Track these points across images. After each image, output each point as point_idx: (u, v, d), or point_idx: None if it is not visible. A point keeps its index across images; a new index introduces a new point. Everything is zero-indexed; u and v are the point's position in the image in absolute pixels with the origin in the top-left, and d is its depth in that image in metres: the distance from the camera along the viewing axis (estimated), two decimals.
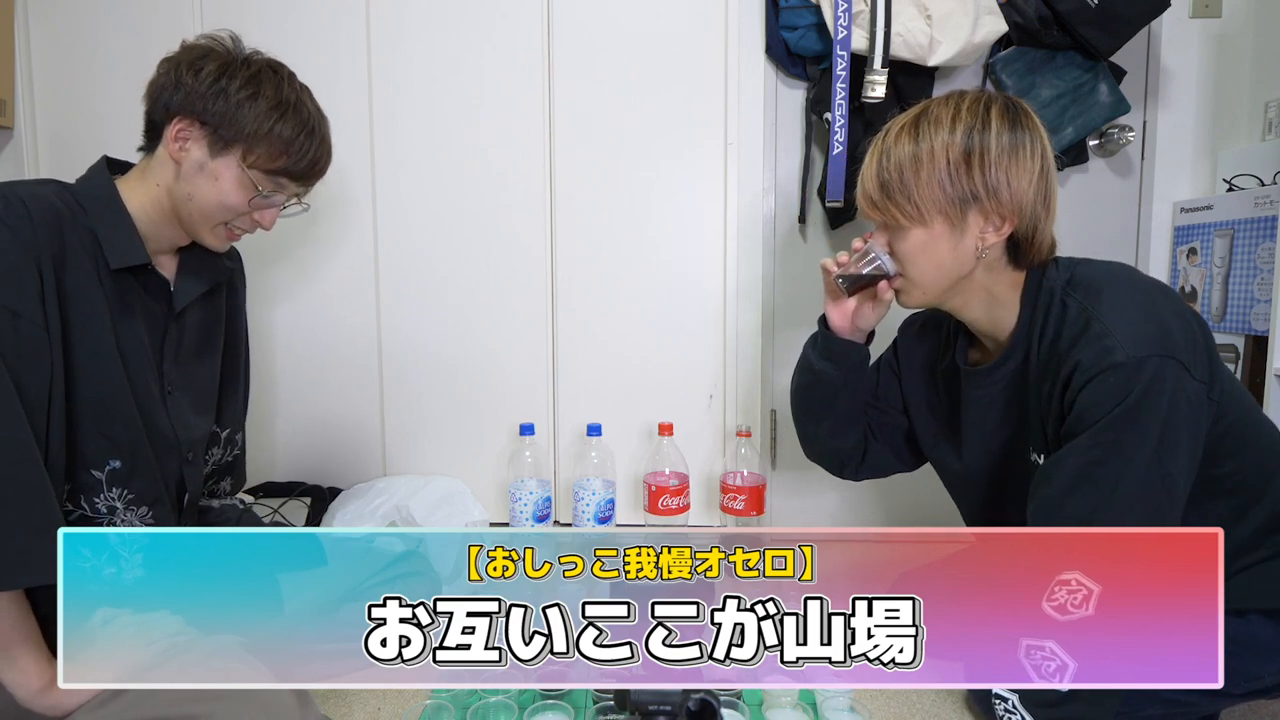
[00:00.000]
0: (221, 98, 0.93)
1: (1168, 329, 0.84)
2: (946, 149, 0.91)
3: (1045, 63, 1.60)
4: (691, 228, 1.68)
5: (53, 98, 1.68)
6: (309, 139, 0.99)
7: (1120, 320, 0.85)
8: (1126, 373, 0.82)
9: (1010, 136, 0.91)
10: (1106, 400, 0.83)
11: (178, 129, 0.93)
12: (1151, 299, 0.88)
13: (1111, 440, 0.84)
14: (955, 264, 0.95)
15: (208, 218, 0.96)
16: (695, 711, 0.73)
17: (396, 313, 1.71)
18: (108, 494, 0.90)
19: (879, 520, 1.76)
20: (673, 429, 1.58)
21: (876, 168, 0.96)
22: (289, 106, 0.96)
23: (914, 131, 0.94)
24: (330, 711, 1.06)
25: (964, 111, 0.92)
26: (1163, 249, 1.70)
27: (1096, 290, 0.90)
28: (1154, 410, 0.82)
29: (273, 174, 0.97)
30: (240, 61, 0.96)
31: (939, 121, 0.92)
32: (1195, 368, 0.84)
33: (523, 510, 1.54)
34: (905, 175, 0.93)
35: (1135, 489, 0.83)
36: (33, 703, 0.79)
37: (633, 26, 1.64)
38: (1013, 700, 0.92)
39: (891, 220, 0.96)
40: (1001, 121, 0.91)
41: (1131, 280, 0.92)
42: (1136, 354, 0.82)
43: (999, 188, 0.91)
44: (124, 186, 0.96)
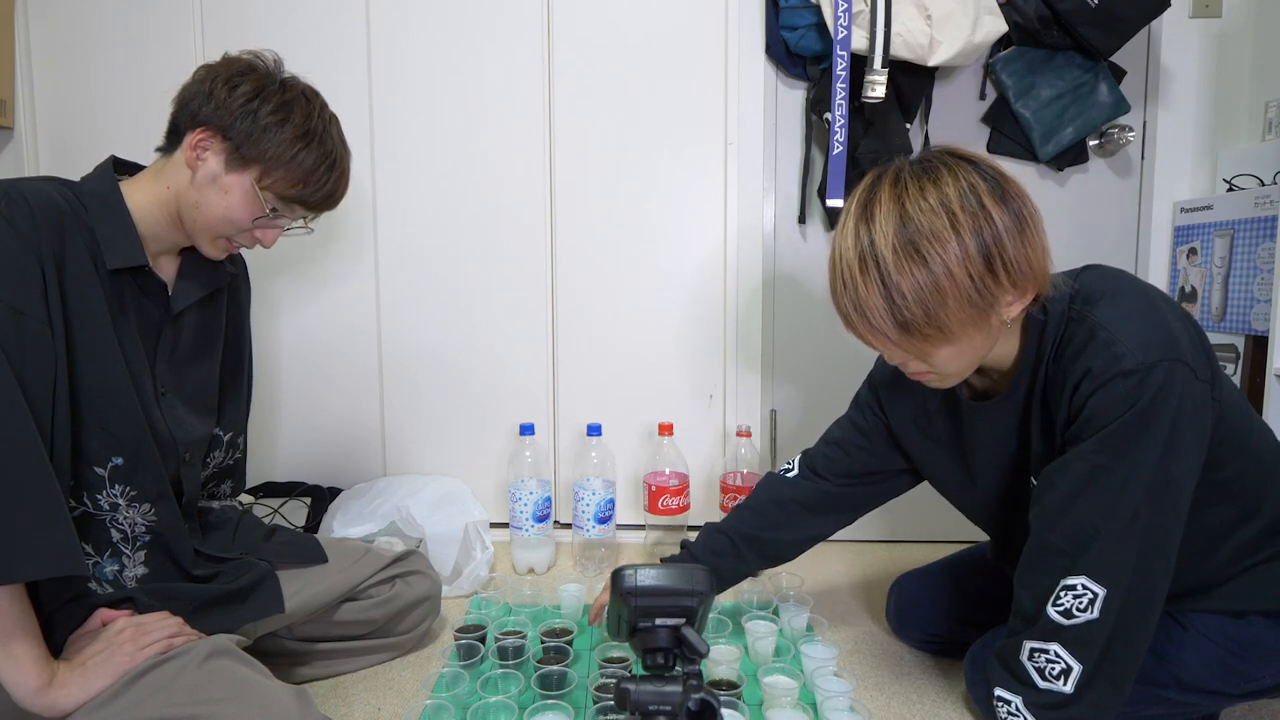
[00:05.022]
0: (250, 118, 0.93)
1: (1173, 333, 0.83)
2: (965, 264, 0.81)
3: (1045, 63, 1.60)
4: (691, 228, 1.68)
5: (53, 98, 1.68)
6: (329, 171, 0.99)
7: (1126, 327, 0.84)
8: (1137, 379, 0.81)
9: (1011, 217, 0.83)
10: (1117, 406, 0.82)
11: (199, 138, 0.94)
12: (1153, 304, 0.87)
13: (1119, 445, 0.83)
14: (987, 345, 0.89)
15: (210, 228, 0.97)
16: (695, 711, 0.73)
17: (396, 313, 1.71)
18: (110, 490, 0.90)
19: (879, 520, 1.76)
20: (673, 429, 1.58)
21: (888, 306, 0.83)
22: (314, 137, 0.97)
23: (916, 255, 0.81)
24: (330, 711, 1.06)
25: (959, 212, 0.82)
26: (1163, 249, 1.70)
27: (1097, 299, 0.88)
28: (1163, 414, 0.81)
29: (287, 200, 0.98)
30: (277, 85, 0.97)
31: (939, 236, 0.81)
32: (1200, 369, 0.83)
33: (523, 510, 1.54)
34: (930, 308, 0.82)
35: (1140, 493, 0.83)
36: (30, 702, 0.78)
37: (633, 26, 1.64)
38: (1016, 703, 0.91)
39: (919, 351, 0.88)
40: (995, 203, 0.82)
41: (1130, 286, 0.90)
42: (1146, 360, 0.81)
43: (1024, 274, 0.84)
44: (131, 186, 0.96)
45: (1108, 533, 0.84)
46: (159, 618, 0.89)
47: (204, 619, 0.94)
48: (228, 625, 0.96)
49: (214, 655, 0.84)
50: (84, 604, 0.89)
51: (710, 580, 0.81)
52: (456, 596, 1.41)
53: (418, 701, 1.07)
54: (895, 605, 1.27)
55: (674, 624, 0.79)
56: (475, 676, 1.04)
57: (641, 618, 0.79)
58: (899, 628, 1.26)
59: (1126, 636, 0.86)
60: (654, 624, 0.79)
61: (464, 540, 1.46)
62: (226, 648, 0.86)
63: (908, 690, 1.12)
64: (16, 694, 0.78)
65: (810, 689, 1.07)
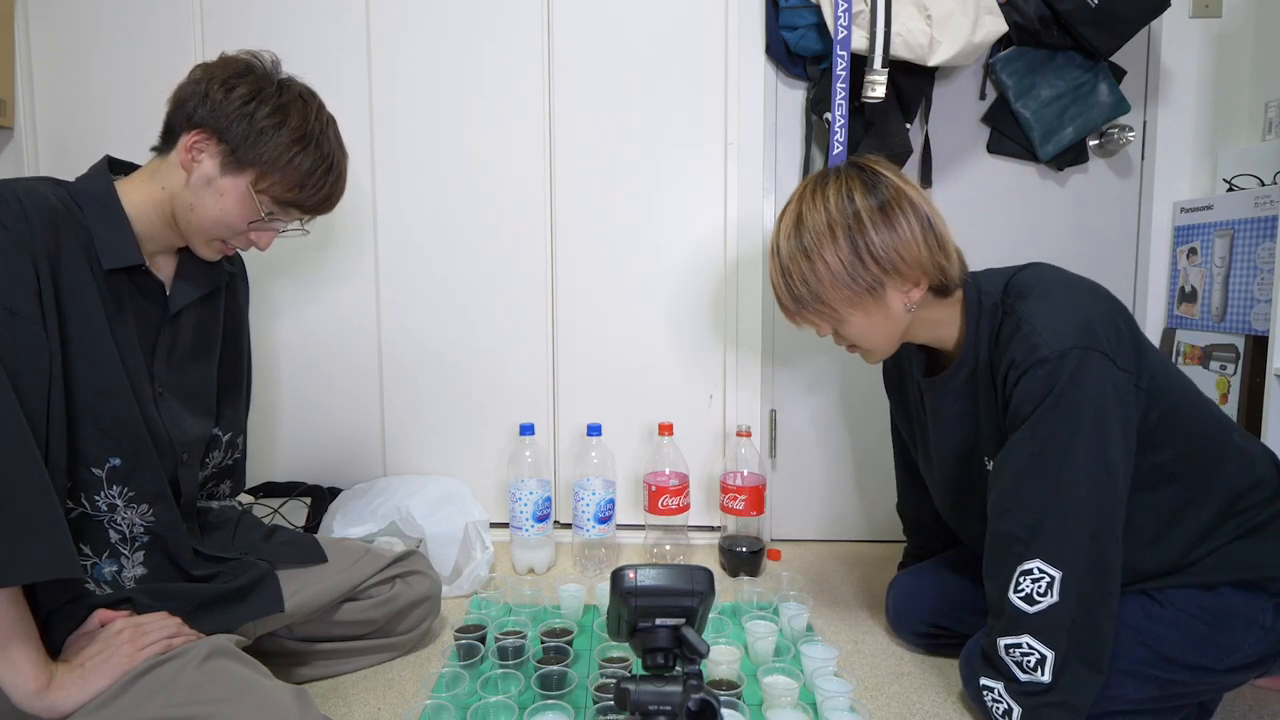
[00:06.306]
0: (247, 120, 0.92)
1: (1089, 323, 0.91)
2: (838, 256, 0.98)
3: (1045, 63, 1.60)
4: (692, 227, 1.68)
5: (53, 98, 1.68)
6: (325, 175, 0.98)
7: (1045, 320, 0.93)
8: (1051, 366, 0.90)
9: (880, 213, 0.98)
10: (1037, 392, 0.91)
11: (194, 140, 0.93)
12: (1075, 296, 0.96)
13: (1046, 431, 0.91)
14: (894, 325, 1.04)
15: (204, 230, 0.96)
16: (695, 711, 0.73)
17: (396, 313, 1.71)
18: (108, 491, 0.90)
19: (879, 520, 1.76)
20: (673, 429, 1.58)
21: (786, 284, 1.03)
22: (312, 140, 0.96)
23: (802, 246, 1.00)
24: (330, 711, 1.06)
25: (834, 210, 0.99)
26: (1163, 249, 1.70)
27: (1026, 294, 0.98)
28: (1083, 399, 0.89)
29: (283, 203, 0.98)
30: (274, 87, 0.95)
31: (819, 233, 0.99)
32: (1121, 358, 0.90)
33: (523, 510, 1.54)
34: (814, 288, 1.01)
35: (1080, 474, 0.89)
36: (29, 704, 0.78)
37: (633, 26, 1.64)
38: (998, 689, 0.95)
39: (825, 322, 1.05)
40: (865, 199, 0.98)
41: (1058, 281, 0.99)
42: (1060, 348, 0.89)
43: (896, 265, 0.98)
44: (126, 186, 0.95)
45: (1054, 515, 0.90)
46: (158, 618, 0.89)
47: (203, 619, 0.94)
48: (227, 625, 0.96)
49: (213, 655, 0.84)
50: (82, 605, 0.89)
51: (710, 580, 0.81)
52: (456, 596, 1.41)
53: (418, 701, 1.07)
54: (893, 600, 1.28)
55: (674, 624, 0.79)
56: (475, 676, 1.04)
57: (641, 618, 0.79)
58: (898, 623, 1.26)
59: (1089, 617, 0.90)
60: (654, 624, 0.79)
61: (464, 540, 1.46)
62: (226, 648, 0.86)
63: (907, 690, 1.12)
64: (15, 696, 0.78)
65: (810, 689, 1.07)
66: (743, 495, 1.53)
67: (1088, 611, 0.90)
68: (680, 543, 1.60)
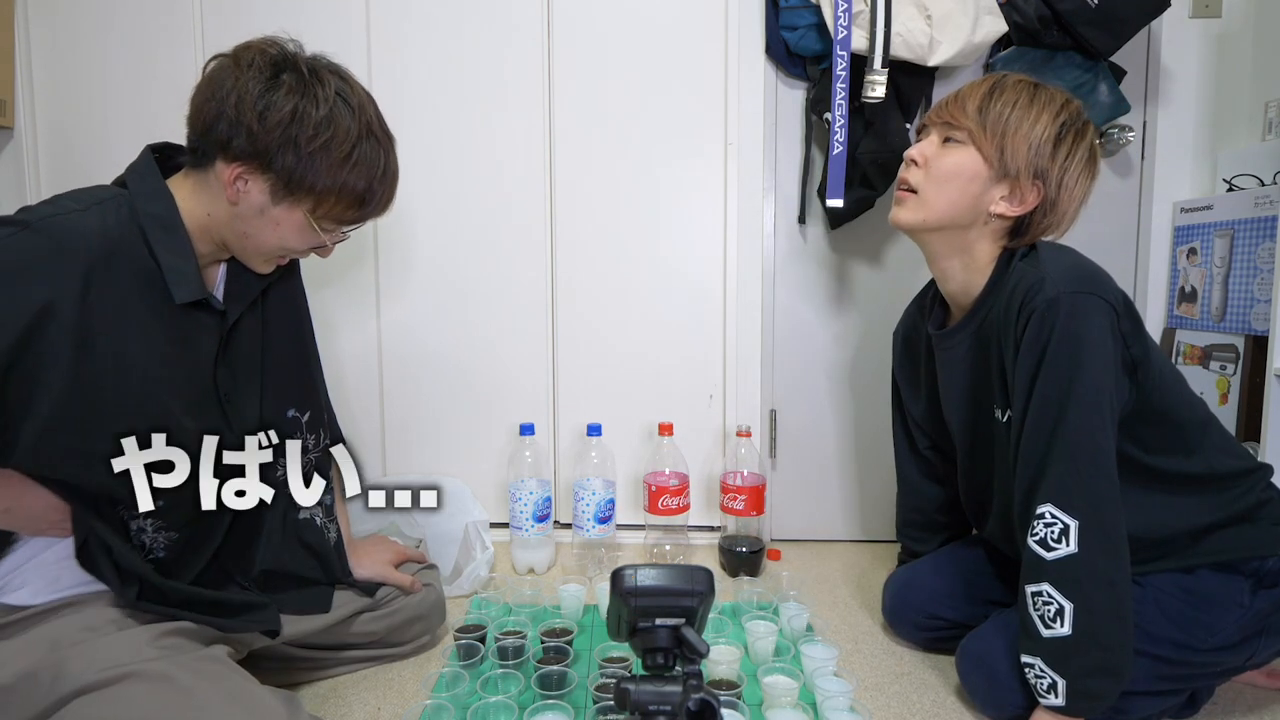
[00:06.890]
0: (292, 150, 0.85)
1: (1100, 278, 0.95)
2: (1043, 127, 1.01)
3: (1045, 63, 1.60)
4: (691, 228, 1.68)
5: (53, 98, 1.68)
6: (381, 182, 0.93)
7: (1058, 265, 0.97)
8: (1055, 303, 0.93)
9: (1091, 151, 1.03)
10: (1044, 329, 0.93)
11: (237, 173, 0.86)
12: (1094, 265, 0.99)
13: (1053, 368, 0.93)
14: (965, 207, 1.04)
15: (262, 253, 0.93)
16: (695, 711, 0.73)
17: (396, 313, 1.71)
18: (140, 520, 0.90)
19: (879, 520, 1.76)
20: (673, 429, 1.58)
21: (989, 90, 1.03)
22: (362, 151, 0.89)
23: (1032, 92, 1.03)
24: (330, 711, 1.06)
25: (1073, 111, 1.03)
26: (1163, 249, 1.70)
27: (1047, 256, 1.01)
28: (1084, 333, 0.92)
29: (345, 222, 0.95)
30: (311, 96, 0.87)
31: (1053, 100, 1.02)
32: (1122, 318, 0.93)
33: (523, 510, 1.54)
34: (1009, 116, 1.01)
35: (1076, 410, 0.92)
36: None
37: (632, 27, 1.64)
38: (1038, 664, 0.95)
39: (961, 136, 1.04)
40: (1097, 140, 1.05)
41: (1080, 255, 1.02)
42: (1067, 288, 0.93)
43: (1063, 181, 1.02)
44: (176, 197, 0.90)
45: (1056, 452, 0.93)
46: None
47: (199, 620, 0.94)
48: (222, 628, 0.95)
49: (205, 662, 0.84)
50: None
51: (710, 580, 0.81)
52: (456, 596, 1.41)
53: (418, 701, 1.07)
54: (889, 593, 1.29)
55: (674, 624, 0.79)
56: (475, 676, 1.04)
57: (641, 618, 0.79)
58: (894, 616, 1.27)
59: (1103, 568, 0.91)
60: (654, 624, 0.79)
61: (464, 540, 1.46)
62: (218, 656, 0.86)
63: (907, 690, 1.12)
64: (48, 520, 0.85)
65: (810, 689, 1.06)
66: (743, 495, 1.53)
67: (1102, 561, 0.91)
68: (680, 543, 1.60)
